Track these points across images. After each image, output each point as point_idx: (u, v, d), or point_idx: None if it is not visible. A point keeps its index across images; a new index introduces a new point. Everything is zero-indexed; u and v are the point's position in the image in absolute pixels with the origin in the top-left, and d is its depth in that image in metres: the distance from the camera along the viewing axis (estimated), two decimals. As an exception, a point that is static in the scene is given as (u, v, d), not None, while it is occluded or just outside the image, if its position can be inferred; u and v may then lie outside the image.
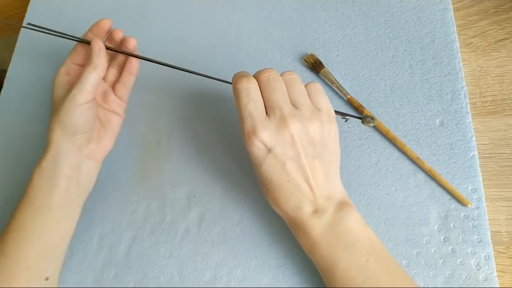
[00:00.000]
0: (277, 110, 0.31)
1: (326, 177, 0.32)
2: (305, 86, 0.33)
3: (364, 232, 0.31)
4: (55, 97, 0.38)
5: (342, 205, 0.31)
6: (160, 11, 0.51)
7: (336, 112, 0.34)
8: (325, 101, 0.33)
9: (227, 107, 0.44)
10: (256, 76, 0.33)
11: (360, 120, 0.36)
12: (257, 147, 0.31)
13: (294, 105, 0.32)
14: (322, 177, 0.31)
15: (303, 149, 0.31)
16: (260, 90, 0.32)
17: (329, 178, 0.32)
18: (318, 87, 0.34)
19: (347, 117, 0.36)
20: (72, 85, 0.36)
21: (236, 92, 0.32)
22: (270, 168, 0.31)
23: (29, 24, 0.41)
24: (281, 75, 0.33)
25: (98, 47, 0.36)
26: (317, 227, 0.31)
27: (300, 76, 0.43)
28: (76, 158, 0.37)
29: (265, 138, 0.30)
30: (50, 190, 0.35)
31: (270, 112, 0.31)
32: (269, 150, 0.31)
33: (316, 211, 0.31)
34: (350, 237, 0.30)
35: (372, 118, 0.35)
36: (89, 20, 0.53)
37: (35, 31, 0.42)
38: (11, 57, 0.54)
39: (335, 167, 0.33)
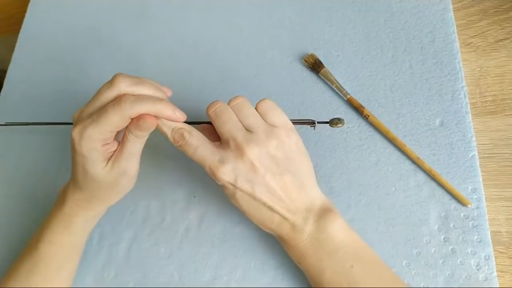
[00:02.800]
0: (231, 141, 0.31)
1: (299, 189, 0.32)
2: (256, 106, 0.33)
3: (348, 237, 0.32)
4: (94, 166, 0.31)
5: (323, 213, 0.32)
6: (160, 12, 0.51)
7: (296, 122, 0.34)
8: (279, 116, 0.33)
9: (227, 107, 0.44)
10: (206, 112, 0.33)
11: (328, 124, 0.35)
12: (224, 185, 0.31)
13: (248, 129, 0.32)
14: (295, 190, 0.31)
15: (267, 170, 0.31)
16: (212, 123, 0.32)
17: (304, 189, 0.32)
18: (268, 103, 0.33)
19: (314, 124, 0.35)
20: (109, 159, 0.32)
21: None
22: (242, 199, 0.31)
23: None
24: (228, 103, 0.33)
25: (151, 125, 0.31)
26: (300, 239, 0.31)
27: (300, 76, 0.43)
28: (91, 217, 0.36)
29: (225, 175, 0.31)
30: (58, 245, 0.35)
31: (225, 145, 0.31)
32: (234, 185, 0.31)
33: (297, 225, 0.31)
34: (334, 244, 0.31)
35: (339, 119, 0.34)
36: (88, 20, 0.54)
37: (35, 35, 0.41)
38: (11, 57, 0.54)
39: (308, 176, 0.33)
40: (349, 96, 0.40)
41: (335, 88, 0.41)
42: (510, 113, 0.39)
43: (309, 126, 0.35)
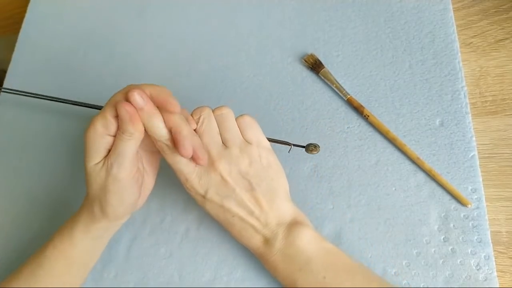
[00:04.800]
0: (205, 157, 0.31)
1: (270, 204, 0.32)
2: (237, 120, 0.33)
3: (319, 249, 0.32)
4: (90, 160, 0.31)
5: (292, 227, 0.32)
6: (159, 12, 0.51)
7: (272, 140, 0.35)
8: (255, 133, 0.33)
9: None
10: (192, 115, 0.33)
11: (304, 148, 0.35)
12: (194, 195, 0.33)
13: (225, 143, 0.33)
14: (266, 205, 0.32)
15: (238, 185, 0.32)
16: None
17: (275, 204, 0.33)
18: (247, 120, 0.34)
19: (290, 147, 0.35)
20: (111, 146, 0.30)
21: (160, 150, 0.31)
22: (212, 209, 0.33)
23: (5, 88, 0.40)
24: (213, 111, 0.33)
25: (128, 113, 0.28)
26: (271, 254, 0.32)
27: (300, 76, 0.43)
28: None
29: (196, 186, 0.32)
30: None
31: (197, 160, 0.31)
32: (204, 196, 0.32)
33: (267, 240, 0.32)
34: (304, 257, 0.31)
35: (315, 146, 0.35)
36: (88, 20, 0.54)
37: (35, 35, 0.41)
38: (11, 57, 0.54)
39: (279, 192, 0.33)
40: (349, 96, 0.40)
41: (335, 88, 0.41)
42: (510, 113, 0.39)
43: (285, 146, 0.35)
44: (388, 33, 0.43)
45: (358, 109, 0.40)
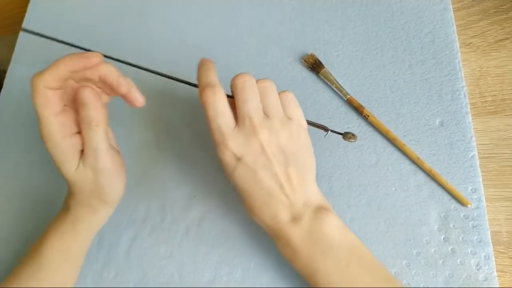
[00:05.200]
0: (247, 119, 0.30)
1: (301, 184, 0.31)
2: (279, 94, 0.33)
3: (344, 236, 0.31)
4: (68, 169, 0.31)
5: (318, 211, 0.31)
6: (160, 12, 0.51)
7: (310, 123, 0.34)
8: (297, 111, 0.33)
9: (227, 107, 0.44)
10: (232, 80, 0.32)
11: (341, 135, 0.35)
12: (227, 156, 0.31)
13: (266, 114, 0.32)
14: (297, 184, 0.31)
15: (275, 158, 0.31)
16: (233, 94, 0.32)
17: (304, 184, 0.32)
18: (290, 96, 0.33)
19: (327, 131, 0.35)
20: (67, 112, 0.31)
21: (202, 104, 0.31)
22: (242, 176, 0.31)
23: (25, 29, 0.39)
24: (256, 81, 0.33)
25: (91, 97, 0.30)
26: (295, 235, 0.31)
27: (299, 76, 0.43)
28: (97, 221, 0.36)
29: (234, 148, 0.30)
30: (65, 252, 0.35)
31: (240, 120, 0.31)
32: (239, 159, 0.31)
33: (293, 219, 0.31)
34: (329, 242, 0.30)
35: (353, 135, 0.35)
36: (88, 20, 0.54)
37: (35, 35, 0.41)
38: (11, 57, 0.54)
39: (310, 173, 0.33)
40: (349, 96, 0.41)
41: (335, 88, 0.41)
42: (510, 113, 0.39)
43: (322, 131, 0.35)
44: (388, 33, 0.43)
45: (358, 109, 0.40)
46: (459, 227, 0.35)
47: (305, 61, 0.43)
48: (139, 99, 0.33)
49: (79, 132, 0.32)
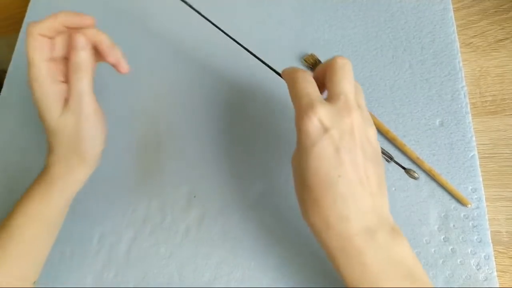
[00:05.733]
0: (343, 96, 0.27)
1: (379, 187, 0.27)
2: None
3: (419, 265, 0.27)
4: (52, 114, 0.33)
5: (396, 231, 0.27)
6: (160, 12, 0.51)
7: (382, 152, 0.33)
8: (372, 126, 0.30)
9: (228, 108, 0.44)
10: (329, 60, 0.29)
11: (404, 170, 0.34)
12: (313, 124, 0.26)
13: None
14: (376, 185, 0.26)
15: (361, 145, 0.26)
16: (329, 74, 0.28)
17: (381, 191, 0.27)
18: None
19: (390, 160, 0.34)
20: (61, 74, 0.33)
21: (291, 78, 0.29)
22: (321, 153, 0.25)
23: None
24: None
25: (84, 43, 0.33)
26: (371, 252, 0.25)
27: (300, 76, 0.43)
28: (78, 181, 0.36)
29: (323, 116, 0.26)
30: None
31: (335, 96, 0.27)
32: (326, 130, 0.26)
33: (367, 230, 0.25)
34: (408, 269, 0.26)
35: (415, 172, 0.34)
36: (89, 20, 0.54)
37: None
38: (11, 57, 0.54)
39: (385, 184, 0.28)
40: (349, 96, 0.40)
41: (335, 88, 0.41)
42: (510, 113, 0.39)
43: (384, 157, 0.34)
44: (388, 33, 0.43)
45: (358, 109, 0.40)
46: (459, 227, 0.35)
47: (305, 61, 0.43)
48: (124, 67, 0.35)
49: (65, 82, 0.33)
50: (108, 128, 0.41)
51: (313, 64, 0.43)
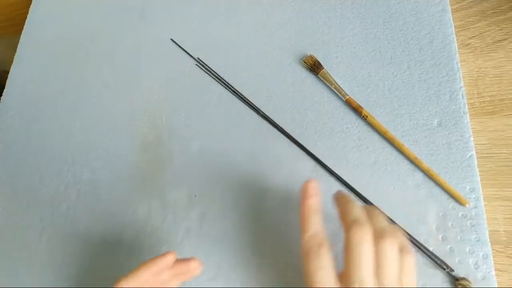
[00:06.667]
0: (357, 284, 0.27)
1: None
2: (400, 254, 0.28)
3: None
4: None
5: None
6: (160, 12, 0.52)
7: (435, 257, 0.33)
8: (411, 282, 0.28)
9: (228, 108, 0.44)
10: (348, 229, 0.28)
11: (456, 280, 0.33)
12: None
13: (378, 275, 0.27)
14: None
15: None
16: (346, 249, 0.28)
17: None
18: (411, 261, 0.28)
19: (447, 270, 0.33)
20: None
21: (305, 249, 0.28)
22: None
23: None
24: (378, 237, 0.28)
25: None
26: None
27: (299, 77, 0.44)
28: None
29: None
30: None
31: (350, 280, 0.27)
32: None
33: None
34: None
35: (467, 281, 0.33)
36: (90, 21, 0.54)
37: (37, 36, 0.42)
38: (13, 58, 0.54)
39: None
40: (347, 97, 0.41)
41: (334, 89, 0.42)
42: (508, 113, 0.39)
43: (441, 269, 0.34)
44: (387, 34, 0.43)
45: (356, 110, 0.40)
46: (457, 226, 0.35)
47: (304, 62, 0.43)
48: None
49: None
50: (109, 128, 0.41)
51: (312, 65, 0.43)
